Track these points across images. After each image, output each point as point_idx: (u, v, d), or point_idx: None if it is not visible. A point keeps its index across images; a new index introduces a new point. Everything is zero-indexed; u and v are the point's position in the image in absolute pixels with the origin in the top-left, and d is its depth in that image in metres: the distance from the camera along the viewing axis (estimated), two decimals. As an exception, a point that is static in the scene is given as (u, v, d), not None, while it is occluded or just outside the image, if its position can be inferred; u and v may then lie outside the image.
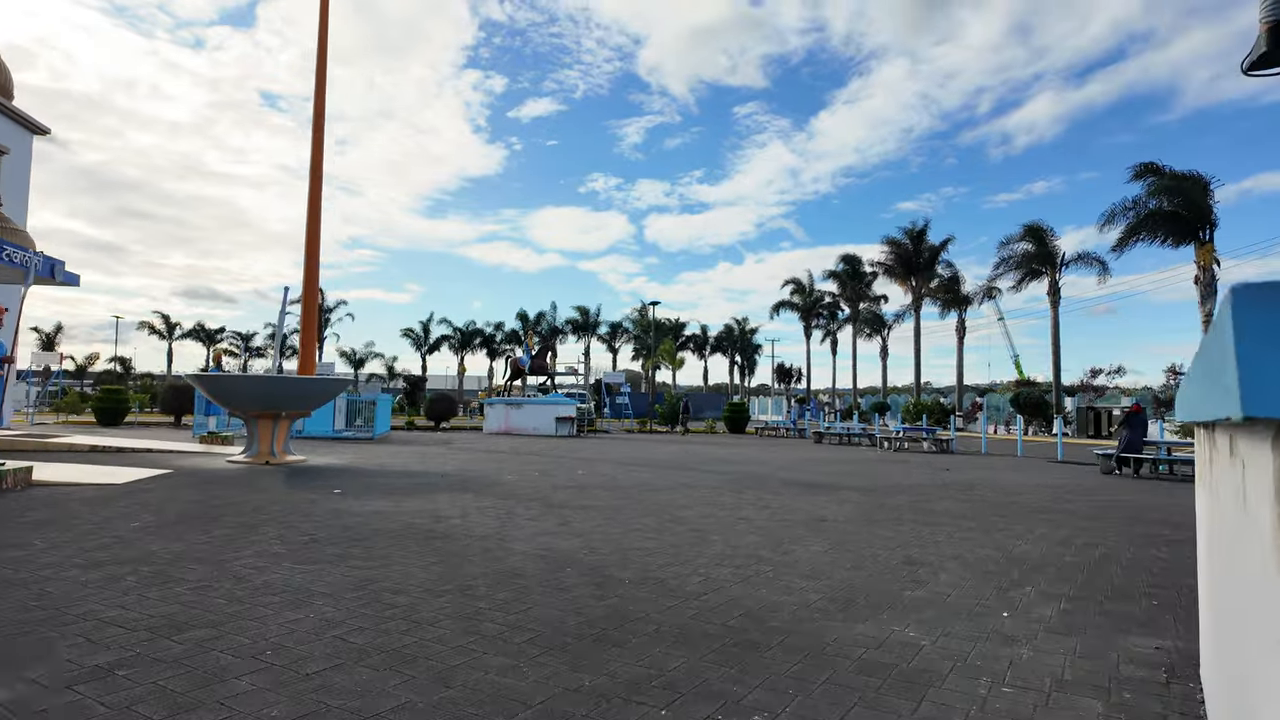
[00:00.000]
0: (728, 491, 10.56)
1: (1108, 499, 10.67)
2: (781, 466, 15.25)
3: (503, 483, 10.99)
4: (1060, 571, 5.76)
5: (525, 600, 4.58)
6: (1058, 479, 13.79)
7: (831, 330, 65.53)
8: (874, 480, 12.77)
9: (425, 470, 12.63)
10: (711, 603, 4.63)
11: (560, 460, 15.63)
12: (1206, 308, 25.81)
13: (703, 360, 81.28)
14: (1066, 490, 11.78)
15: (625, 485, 11.09)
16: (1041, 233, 38.05)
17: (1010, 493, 11.27)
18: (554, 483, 11.16)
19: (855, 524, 7.89)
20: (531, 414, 27.54)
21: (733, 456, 18.03)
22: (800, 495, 10.33)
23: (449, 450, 18.00)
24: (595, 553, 6.07)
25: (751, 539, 6.86)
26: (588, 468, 13.86)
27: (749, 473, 13.64)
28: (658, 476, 12.53)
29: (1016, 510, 9.26)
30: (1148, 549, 6.80)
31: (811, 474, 13.70)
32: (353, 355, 65.41)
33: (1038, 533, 7.59)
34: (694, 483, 11.66)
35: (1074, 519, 8.62)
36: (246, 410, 13.68)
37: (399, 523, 7.33)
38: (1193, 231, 25.85)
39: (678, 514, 8.29)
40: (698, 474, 13.22)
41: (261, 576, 5.06)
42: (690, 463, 15.73)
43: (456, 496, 9.32)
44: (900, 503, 9.74)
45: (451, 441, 21.84)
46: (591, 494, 9.89)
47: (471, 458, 15.71)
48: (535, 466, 13.91)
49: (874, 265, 49.85)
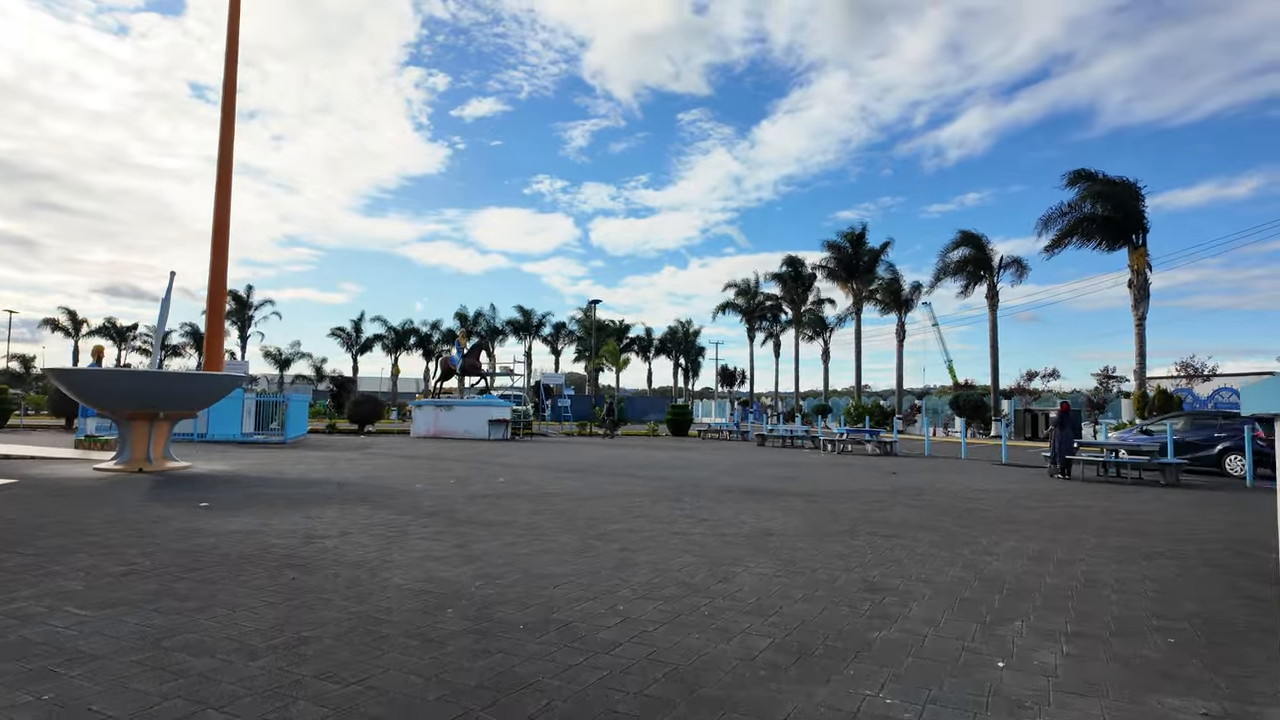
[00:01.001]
0: (664, 501, 9.48)
1: (1067, 506, 10.03)
2: (723, 471, 14.30)
3: (408, 493, 9.65)
4: (1047, 599, 4.86)
5: (373, 662, 3.36)
6: (1008, 483, 13.22)
7: (774, 333, 65.51)
8: (820, 485, 11.91)
9: (324, 479, 11.15)
10: (628, 658, 3.51)
11: (484, 466, 14.30)
12: (1140, 310, 26.19)
13: (647, 362, 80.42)
14: (1021, 496, 11.14)
15: (550, 494, 9.89)
16: (978, 239, 38.53)
17: (964, 498, 10.54)
18: (469, 492, 9.88)
19: (805, 539, 6.90)
20: (463, 416, 25.98)
21: (673, 461, 17.01)
22: (743, 504, 9.33)
23: (363, 455, 16.43)
24: (491, 584, 4.87)
25: (686, 560, 5.78)
26: (512, 474, 12.60)
27: (689, 479, 12.61)
28: (588, 485, 11.37)
29: (977, 519, 8.46)
30: (1130, 566, 6.00)
31: (755, 479, 12.77)
32: (278, 355, 62.00)
33: (1006, 546, 6.74)
34: (628, 490, 10.55)
35: (1040, 529, 7.85)
36: (117, 410, 11.92)
37: (256, 546, 5.97)
38: (1126, 235, 26.23)
39: (604, 529, 7.16)
40: (634, 481, 12.12)
41: (22, 629, 3.71)
42: (627, 468, 14.63)
43: (346, 511, 7.96)
44: (851, 511, 8.84)
45: (371, 446, 20.18)
46: (508, 506, 8.66)
47: (384, 464, 14.24)
48: (454, 473, 12.57)
49: (816, 268, 49.91)
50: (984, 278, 37.55)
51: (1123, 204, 25.88)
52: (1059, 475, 14.62)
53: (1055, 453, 14.88)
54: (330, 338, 63.92)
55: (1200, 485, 13.55)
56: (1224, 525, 8.46)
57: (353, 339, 63.22)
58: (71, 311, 65.04)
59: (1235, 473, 15.26)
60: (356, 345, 63.34)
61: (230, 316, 61.34)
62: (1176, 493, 12.04)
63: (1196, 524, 8.49)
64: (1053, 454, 14.99)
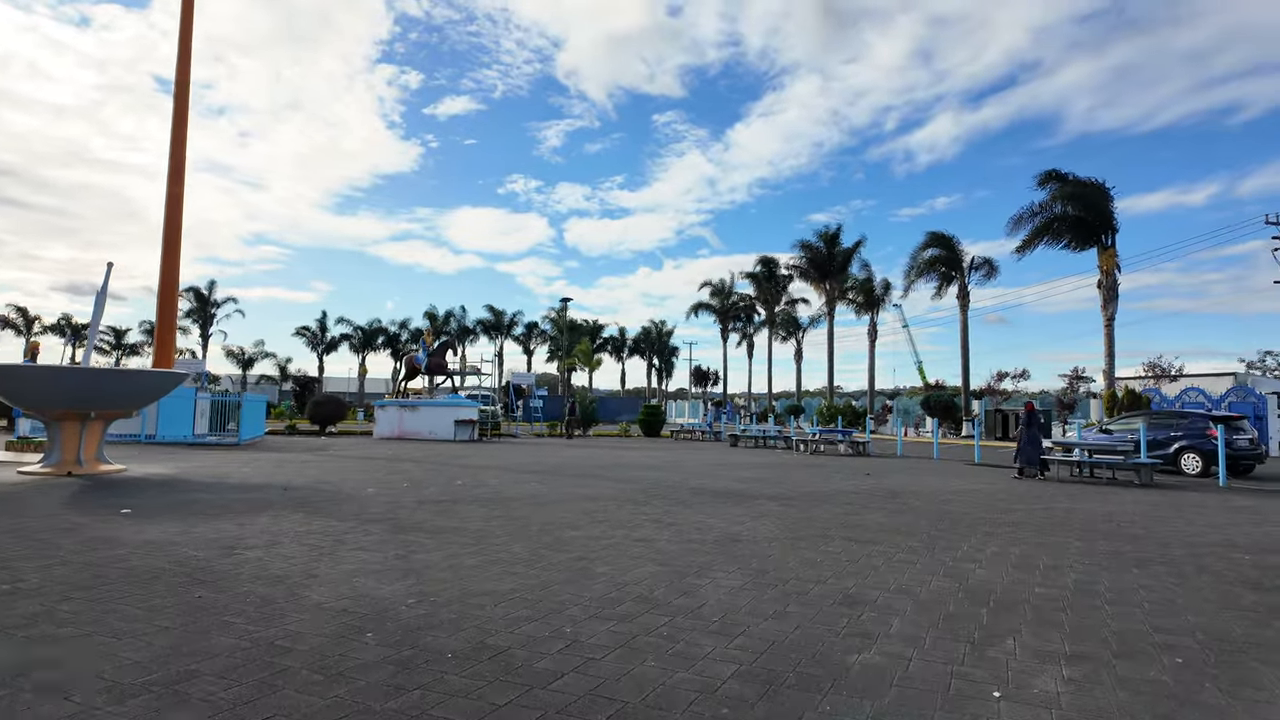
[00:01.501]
0: (629, 504, 8.98)
1: (1046, 508, 9.73)
2: (694, 472, 13.84)
3: (355, 498, 9.02)
4: (1039, 612, 4.45)
5: (263, 704, 2.81)
6: (983, 483, 12.95)
7: (748, 333, 65.38)
8: (793, 487, 11.51)
9: (268, 483, 10.46)
10: (568, 694, 3.00)
11: (443, 468, 13.68)
12: (1109, 311, 26.31)
13: (621, 363, 79.85)
14: (998, 497, 10.84)
15: (509, 498, 9.34)
16: (949, 240, 38.63)
17: (940, 500, 10.20)
18: (420, 497, 9.29)
19: (777, 545, 6.45)
20: (428, 417, 25.21)
21: (643, 461, 16.52)
22: (713, 507, 8.87)
23: (318, 458, 15.69)
24: (424, 603, 4.33)
25: (648, 571, 5.29)
26: (472, 477, 12.01)
27: (658, 480, 12.13)
28: (551, 487, 10.83)
29: (956, 522, 8.10)
30: (1123, 574, 5.64)
31: (726, 480, 12.33)
32: (241, 355, 60.22)
33: (989, 552, 6.36)
34: (593, 494, 10.03)
35: (1022, 533, 7.50)
36: (45, 410, 11.10)
37: (170, 558, 5.35)
38: (1096, 236, 26.36)
39: (561, 536, 6.63)
40: (600, 483, 11.60)
41: None
42: (594, 470, 14.10)
43: (281, 518, 7.33)
44: (826, 515, 8.42)
45: (329, 448, 19.39)
46: (461, 511, 8.10)
47: (338, 466, 13.55)
48: (410, 476, 11.94)
49: (790, 268, 49.78)
50: (955, 278, 37.65)
51: (1093, 204, 26.00)
52: (1036, 475, 14.40)
53: (1021, 452, 14.68)
54: (295, 337, 62.36)
55: (1173, 485, 13.42)
56: (1206, 528, 8.19)
57: (318, 338, 61.69)
58: (22, 309, 62.65)
59: (1190, 471, 15.17)
60: (322, 345, 61.84)
61: (191, 315, 59.58)
62: (1153, 494, 11.85)
63: (1181, 527, 8.22)
64: (1018, 454, 14.74)
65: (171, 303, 24.01)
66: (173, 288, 24.14)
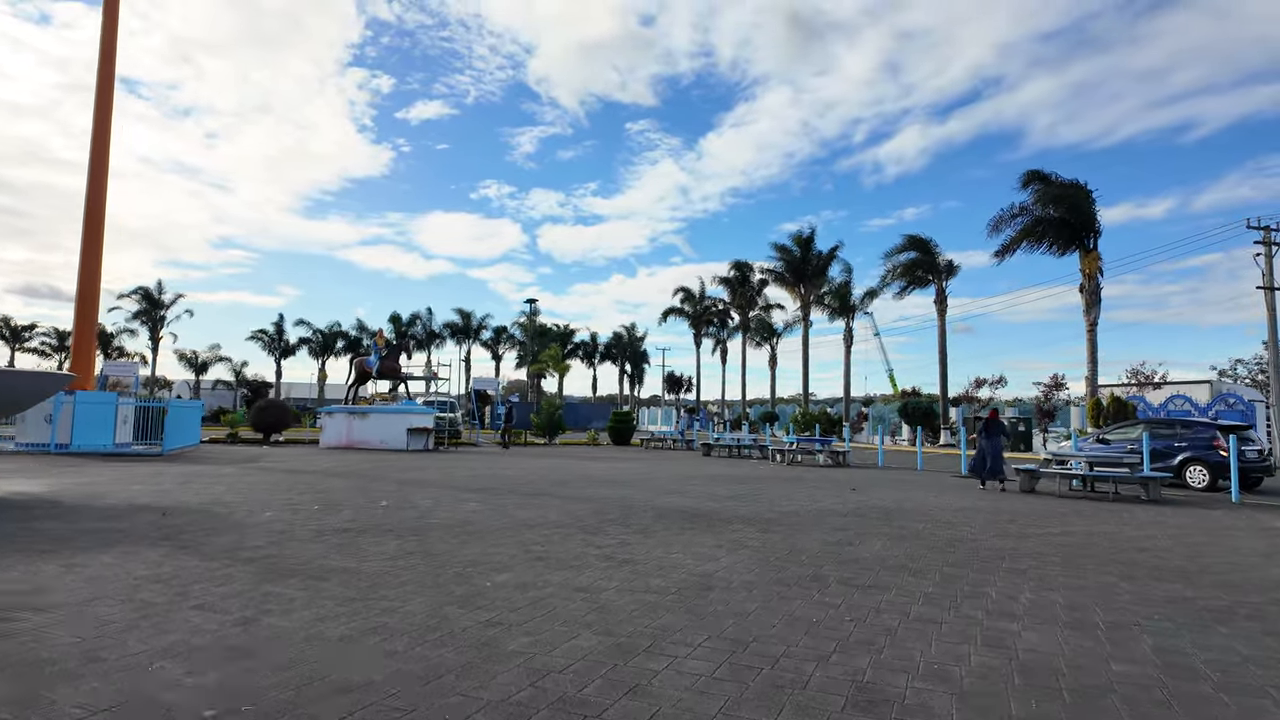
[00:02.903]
0: (580, 533, 7.52)
1: (1063, 531, 8.48)
2: (662, 488, 12.43)
3: (243, 526, 7.43)
4: (1136, 709, 3.09)
5: None
6: (980, 500, 11.72)
7: (722, 339, 64.28)
8: (772, 505, 10.15)
9: (151, 505, 8.80)
10: None
11: (376, 485, 12.08)
12: (1091, 315, 25.49)
13: (592, 369, 78.27)
14: (1002, 517, 9.58)
15: (433, 526, 7.82)
16: (925, 243, 37.86)
17: (941, 522, 8.90)
18: (326, 524, 7.72)
19: (758, 594, 5.04)
20: (379, 425, 23.41)
21: (607, 474, 15.07)
22: (680, 535, 7.45)
23: (240, 471, 13.96)
24: (232, 713, 2.83)
25: (582, 646, 3.84)
26: (400, 497, 10.45)
27: (619, 499, 10.68)
28: (492, 509, 9.33)
29: (968, 554, 6.77)
30: (1207, 634, 4.32)
31: (697, 498, 10.93)
32: (194, 359, 57.37)
33: (1024, 600, 5.02)
34: (538, 518, 8.55)
35: (1048, 567, 6.19)
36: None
37: (-99, 632, 3.77)
38: (1079, 238, 25.57)
39: (480, 586, 5.15)
40: (552, 503, 10.13)
41: None
42: (550, 486, 12.61)
43: (129, 556, 5.74)
44: (814, 544, 7.05)
45: (261, 459, 17.60)
46: (365, 546, 6.57)
47: (255, 482, 11.87)
48: (330, 496, 10.34)
49: (765, 272, 48.73)
50: (932, 281, 36.86)
51: (1076, 206, 25.19)
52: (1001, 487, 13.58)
53: (981, 463, 13.63)
54: (251, 340, 59.64)
55: (1183, 501, 12.33)
56: (1259, 558, 6.98)
57: (275, 342, 59.09)
58: (-41, 310, 59.18)
59: (1196, 485, 14.17)
60: (279, 349, 59.24)
61: (139, 316, 56.81)
62: (1167, 512, 10.71)
63: (1228, 558, 6.99)
64: (979, 464, 13.73)
65: (91, 305, 21.97)
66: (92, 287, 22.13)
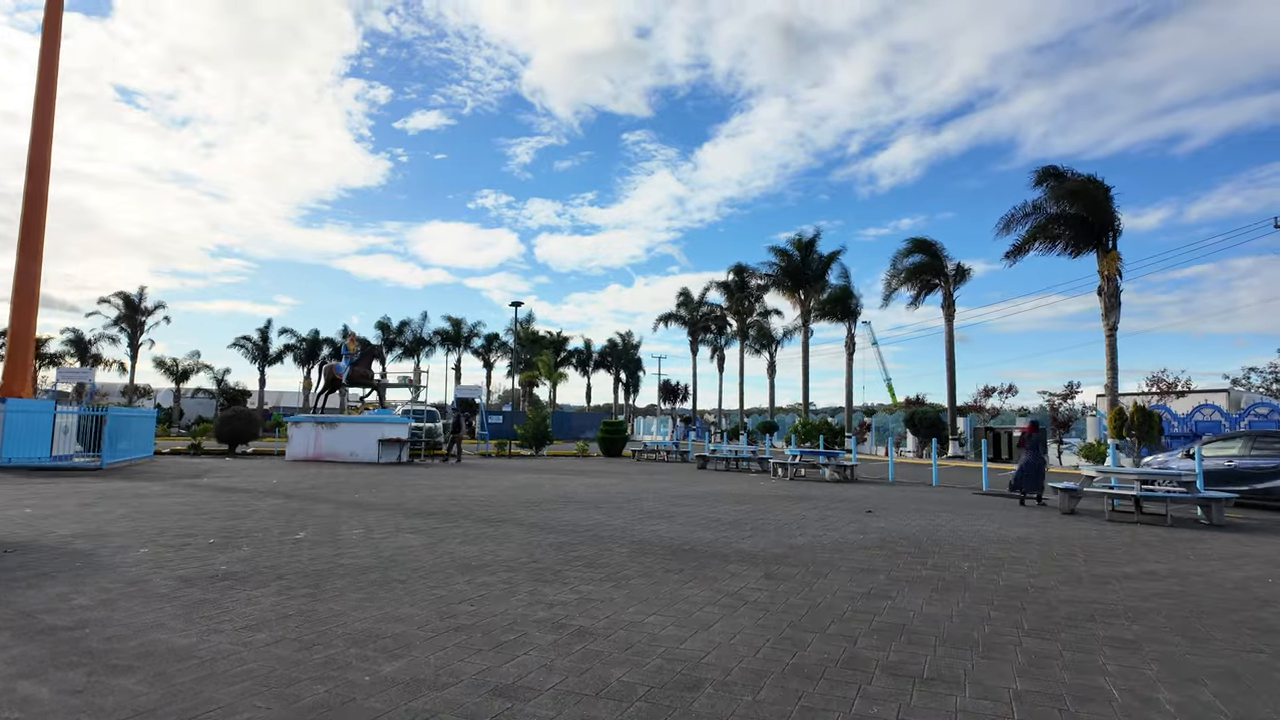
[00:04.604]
0: (530, 580, 5.82)
1: (1145, 572, 6.80)
2: (647, 511, 10.74)
3: (95, 569, 5.72)
4: None
5: None
6: (1021, 526, 10.03)
7: (719, 346, 62.61)
8: (779, 535, 8.47)
9: (6, 536, 7.09)
10: None
11: (311, 507, 10.38)
12: (1111, 319, 23.84)
13: (586, 377, 76.48)
14: (1061, 551, 7.91)
15: (344, 568, 6.13)
16: (932, 245, 36.25)
17: (990, 560, 7.22)
18: (201, 569, 6.01)
19: (768, 698, 3.36)
20: (348, 435, 21.69)
21: (588, 493, 13.37)
22: (660, 585, 5.77)
23: (167, 490, 12.24)
24: None
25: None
26: (331, 524, 8.75)
27: (594, 527, 9.00)
28: (433, 542, 7.64)
29: (1046, 615, 5.09)
30: None
31: (687, 523, 9.25)
32: (174, 367, 55.50)
33: (1164, 703, 3.34)
34: (484, 557, 6.86)
35: (1171, 638, 4.51)
36: None
37: None
38: (1097, 237, 23.98)
39: (349, 683, 3.46)
40: (511, 531, 8.44)
41: None
42: (517, 508, 10.92)
43: None
44: (837, 599, 5.37)
45: (209, 474, 15.87)
46: (232, 603, 4.86)
47: (165, 505, 10.17)
48: (244, 524, 8.64)
49: (764, 277, 47.09)
50: (939, 286, 35.22)
51: (1094, 203, 23.60)
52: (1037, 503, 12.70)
53: (1021, 478, 12.78)
54: (234, 348, 57.73)
55: (1247, 525, 10.66)
56: None
57: (259, 350, 57.24)
58: (-66, 316, 57.30)
59: None
60: (263, 357, 57.38)
61: (119, 323, 55.01)
62: (1244, 540, 9.04)
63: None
64: (1018, 480, 12.86)
65: (28, 306, 20.15)
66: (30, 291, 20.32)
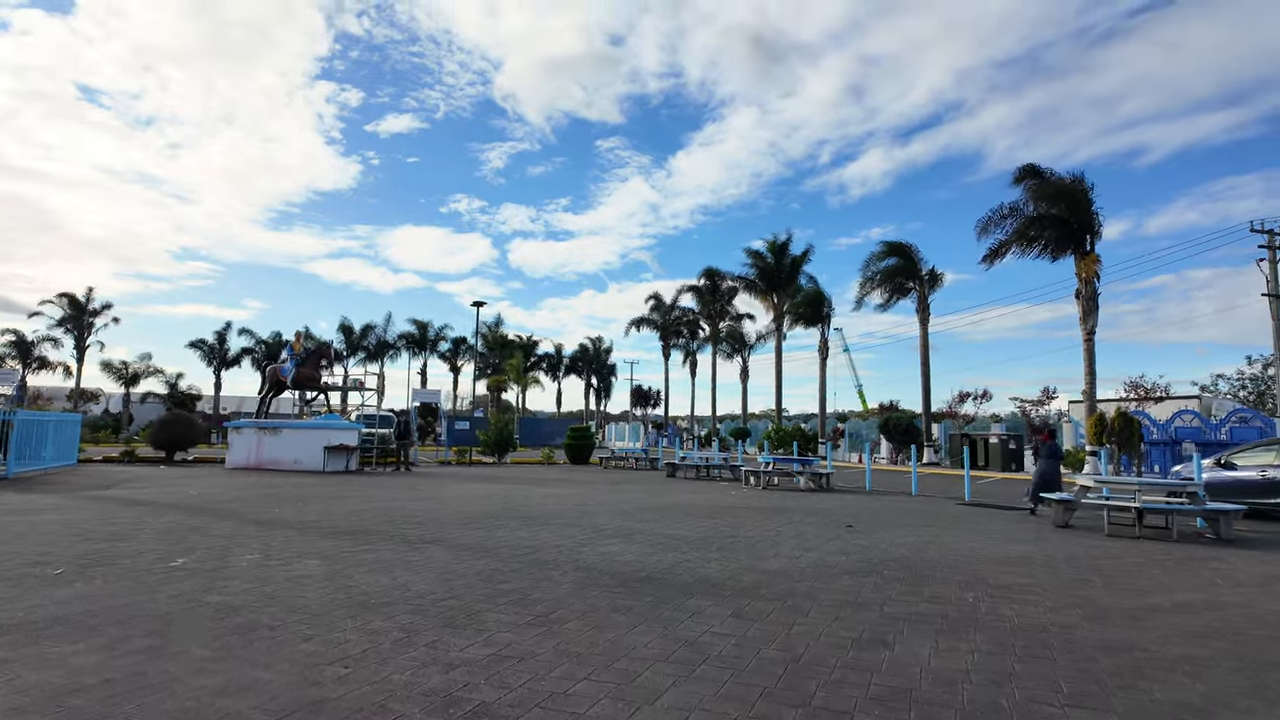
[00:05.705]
0: (439, 624, 4.66)
1: (1176, 604, 5.83)
2: (604, 527, 9.61)
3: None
4: None
5: None
6: (1015, 541, 9.09)
7: (691, 350, 61.68)
8: (751, 556, 7.40)
9: None
10: None
11: (215, 525, 9.08)
12: (1089, 324, 23.32)
13: (557, 382, 75.16)
14: (1073, 576, 6.94)
15: (207, 608, 4.91)
16: (907, 249, 35.71)
17: (997, 589, 6.21)
18: (25, 612, 4.76)
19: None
20: (292, 442, 20.22)
21: (542, 506, 12.19)
22: (599, 630, 4.64)
23: (62, 503, 10.81)
24: None
25: None
26: (227, 546, 7.49)
27: (539, 549, 7.84)
28: (335, 571, 6.43)
29: (1082, 665, 4.06)
30: None
31: (647, 543, 8.15)
32: (123, 370, 53.02)
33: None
34: (390, 592, 5.67)
35: (1238, 697, 3.50)
36: None
37: None
38: (1077, 239, 23.47)
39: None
40: (435, 557, 7.26)
41: None
42: (453, 525, 9.73)
43: None
44: (821, 645, 4.29)
45: (127, 483, 14.38)
46: (21, 666, 3.64)
47: (45, 523, 8.81)
48: (121, 546, 7.34)
49: (736, 280, 46.29)
50: (913, 289, 34.66)
51: (1075, 204, 23.08)
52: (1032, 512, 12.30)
53: (1039, 488, 12.25)
54: (189, 349, 55.36)
55: (1257, 539, 9.86)
56: None
57: (215, 352, 54.96)
58: None
59: None
60: (220, 360, 55.11)
61: (64, 324, 52.50)
62: (1263, 557, 8.18)
63: None
64: (1035, 490, 12.34)
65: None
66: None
